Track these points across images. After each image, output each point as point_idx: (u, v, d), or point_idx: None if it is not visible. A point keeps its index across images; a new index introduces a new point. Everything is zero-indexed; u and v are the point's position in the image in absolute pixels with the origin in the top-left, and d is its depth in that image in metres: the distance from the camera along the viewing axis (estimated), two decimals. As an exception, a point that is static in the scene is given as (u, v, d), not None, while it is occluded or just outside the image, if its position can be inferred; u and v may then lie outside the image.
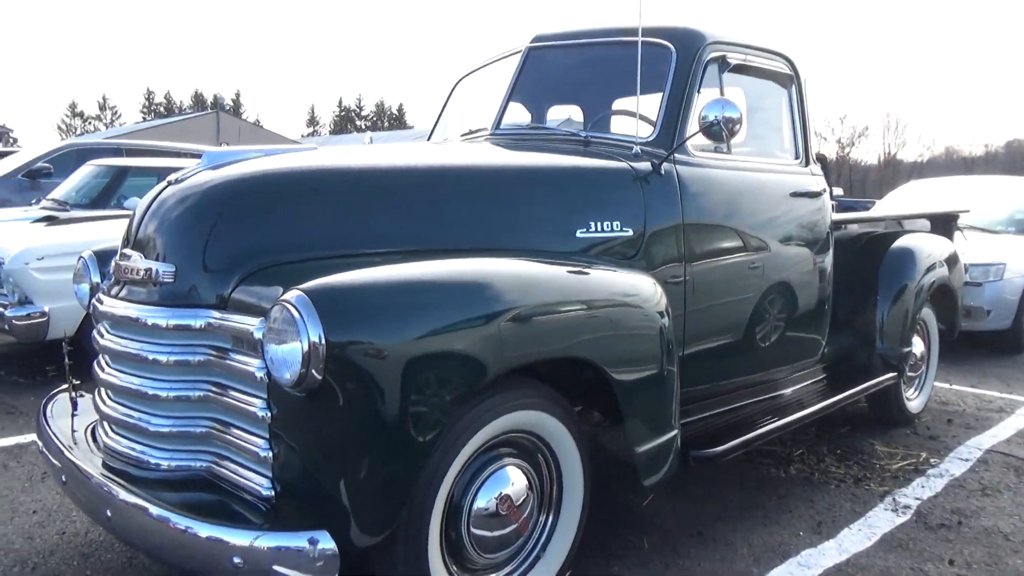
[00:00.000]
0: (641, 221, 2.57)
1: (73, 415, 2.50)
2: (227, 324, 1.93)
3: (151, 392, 2.03)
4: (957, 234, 4.80)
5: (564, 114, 3.46)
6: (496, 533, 2.10)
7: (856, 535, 2.92)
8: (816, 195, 3.27)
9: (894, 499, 3.25)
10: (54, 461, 2.26)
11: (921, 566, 2.68)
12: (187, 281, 2.04)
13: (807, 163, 3.32)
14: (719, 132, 2.51)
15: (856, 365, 3.88)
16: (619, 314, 2.26)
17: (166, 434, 2.03)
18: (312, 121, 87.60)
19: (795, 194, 3.17)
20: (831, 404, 3.34)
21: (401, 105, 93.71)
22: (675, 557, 2.68)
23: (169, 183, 2.22)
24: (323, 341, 1.66)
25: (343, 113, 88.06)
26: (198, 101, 75.84)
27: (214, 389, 1.99)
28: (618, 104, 3.14)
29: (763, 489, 3.32)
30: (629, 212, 2.55)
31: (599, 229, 2.47)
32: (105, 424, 2.22)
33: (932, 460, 3.74)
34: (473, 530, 2.06)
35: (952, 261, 4.36)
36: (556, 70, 3.19)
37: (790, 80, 3.27)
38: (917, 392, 4.37)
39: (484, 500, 2.07)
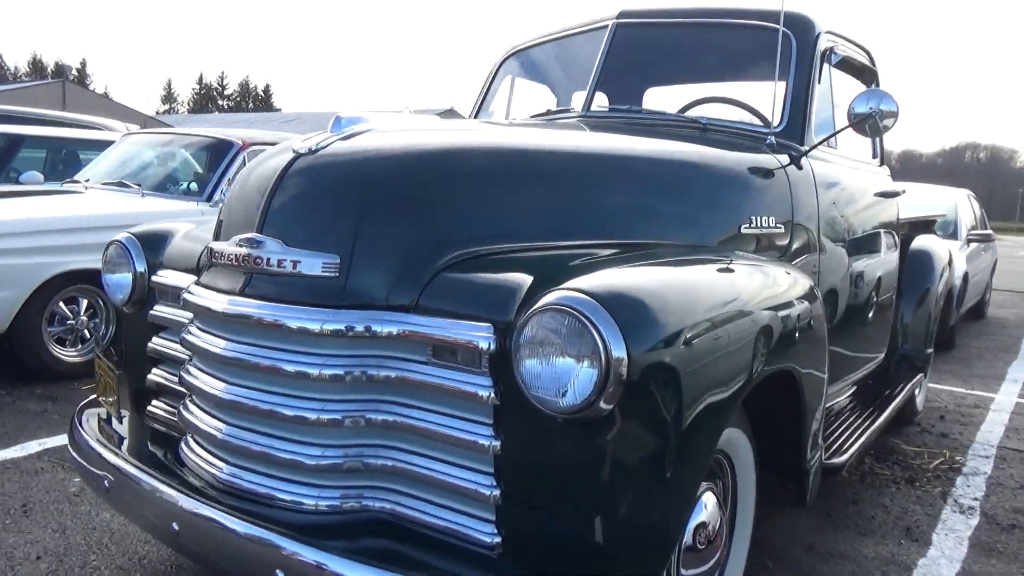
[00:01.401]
0: (789, 216, 2.38)
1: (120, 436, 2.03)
2: (427, 331, 1.55)
3: (303, 415, 1.61)
4: None
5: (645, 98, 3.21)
6: (701, 569, 1.84)
7: (947, 541, 2.88)
8: (895, 195, 3.22)
9: (956, 500, 3.27)
10: (131, 501, 1.79)
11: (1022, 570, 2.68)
12: (357, 276, 1.63)
13: (882, 163, 3.26)
14: (875, 127, 2.35)
15: (880, 367, 3.90)
16: (808, 319, 2.05)
17: (324, 467, 1.62)
18: (169, 97, 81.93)
19: (880, 194, 3.10)
20: (896, 407, 3.31)
21: (268, 86, 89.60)
22: (809, 576, 2.53)
23: (299, 154, 1.77)
24: (627, 359, 1.33)
25: (203, 91, 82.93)
26: (37, 68, 68.85)
27: (397, 411, 1.60)
28: (716, 90, 2.93)
29: (833, 495, 3.24)
30: (780, 207, 2.35)
31: (759, 224, 2.25)
32: (216, 454, 1.76)
33: (957, 458, 3.82)
34: (682, 570, 1.79)
35: (950, 263, 4.50)
36: (646, 50, 2.94)
37: (872, 76, 3.19)
38: (919, 391, 4.48)
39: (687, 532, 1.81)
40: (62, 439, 3.39)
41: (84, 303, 4.37)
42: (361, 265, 1.64)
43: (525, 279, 1.51)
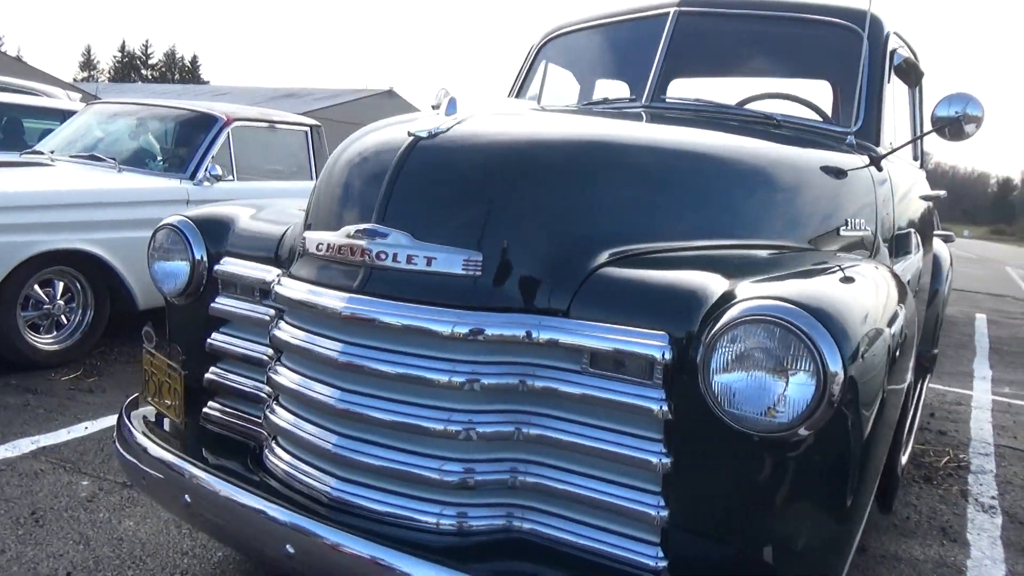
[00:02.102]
0: (874, 219, 2.33)
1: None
2: (590, 339, 1.42)
3: (437, 426, 1.47)
4: None
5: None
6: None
7: (982, 541, 2.93)
8: (935, 199, 3.23)
9: (976, 500, 3.34)
10: (225, 521, 1.61)
11: (1061, 570, 2.75)
12: (501, 276, 1.49)
13: (922, 166, 3.27)
14: (959, 131, 2.33)
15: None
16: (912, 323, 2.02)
17: (458, 484, 1.48)
18: (88, 64, 77.81)
19: (924, 197, 3.11)
20: (920, 406, 3.36)
21: (196, 57, 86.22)
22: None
23: (419, 136, 1.60)
24: (842, 375, 1.23)
25: (126, 59, 79.08)
26: (-61, 26, 64.14)
27: (546, 423, 1.47)
28: (779, 85, 2.86)
29: (864, 494, 3.25)
30: (868, 209, 2.30)
31: (854, 227, 2.20)
32: (323, 467, 1.59)
33: (962, 456, 3.92)
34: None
35: (952, 265, 4.60)
36: (708, 40, 2.85)
37: (920, 78, 3.19)
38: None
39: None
40: (56, 436, 3.11)
41: (60, 286, 4.02)
42: (505, 263, 1.49)
43: (704, 284, 1.40)
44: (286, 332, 1.67)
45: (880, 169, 2.42)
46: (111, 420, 3.29)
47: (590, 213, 1.57)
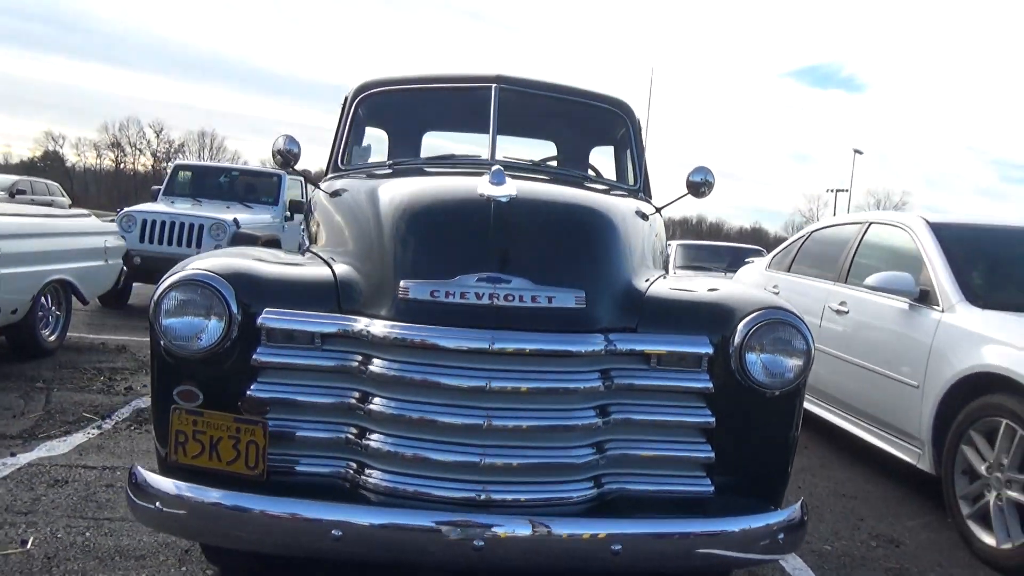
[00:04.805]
0: (663, 247, 3.36)
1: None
2: (662, 346, 2.06)
3: (572, 423, 1.97)
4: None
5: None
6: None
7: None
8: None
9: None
10: (365, 544, 1.85)
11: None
12: (595, 306, 2.04)
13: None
14: (705, 191, 3.48)
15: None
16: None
17: (586, 464, 1.99)
18: None
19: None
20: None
21: None
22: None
23: (499, 200, 2.05)
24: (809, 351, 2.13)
25: None
26: None
27: (629, 409, 2.06)
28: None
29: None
30: (660, 241, 3.31)
31: (662, 252, 3.18)
32: (465, 478, 1.92)
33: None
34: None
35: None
36: (519, 109, 3.57)
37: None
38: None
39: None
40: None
41: None
42: (598, 297, 2.05)
43: (723, 300, 2.16)
44: (394, 369, 1.93)
45: (660, 215, 3.46)
46: None
47: (632, 257, 2.21)
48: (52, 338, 5.61)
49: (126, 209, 8.32)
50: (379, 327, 1.96)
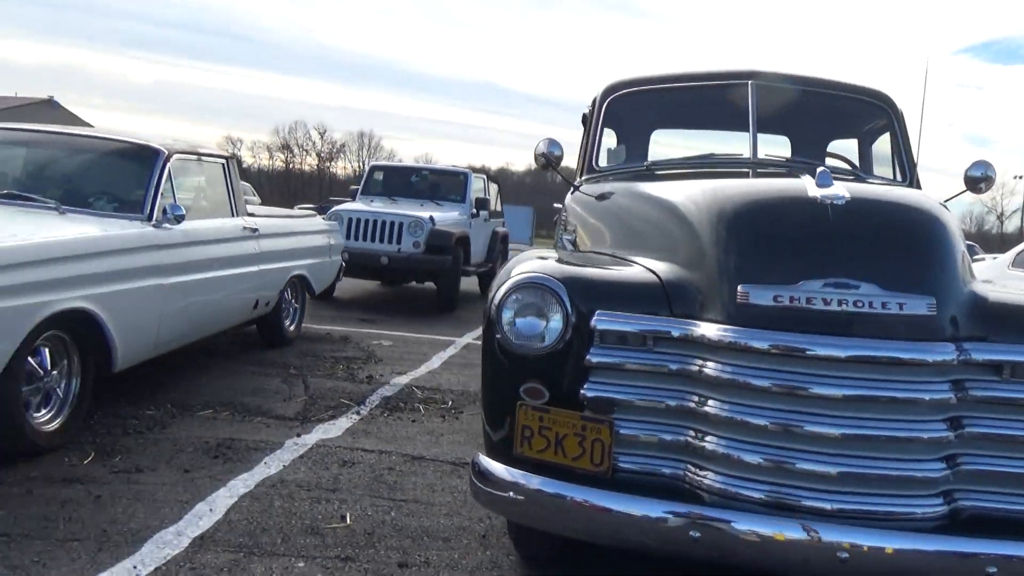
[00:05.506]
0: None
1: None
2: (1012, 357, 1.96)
3: (915, 436, 1.90)
4: None
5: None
6: None
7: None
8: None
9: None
10: (726, 548, 1.86)
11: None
12: (943, 313, 1.97)
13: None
14: (988, 187, 3.26)
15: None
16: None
17: (938, 479, 1.93)
18: None
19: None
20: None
21: None
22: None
23: (833, 204, 2.02)
24: None
25: None
26: None
27: (982, 424, 1.97)
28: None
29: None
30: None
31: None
32: (822, 488, 1.91)
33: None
34: None
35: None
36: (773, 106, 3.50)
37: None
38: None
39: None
40: (185, 527, 2.73)
41: (47, 353, 3.37)
42: (947, 303, 1.98)
43: None
44: (741, 374, 1.95)
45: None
46: (223, 494, 2.97)
47: (961, 258, 2.12)
48: (292, 328, 6.15)
49: (334, 208, 8.93)
50: (717, 331, 1.99)
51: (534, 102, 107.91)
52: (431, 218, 8.72)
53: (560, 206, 4.78)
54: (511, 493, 2.06)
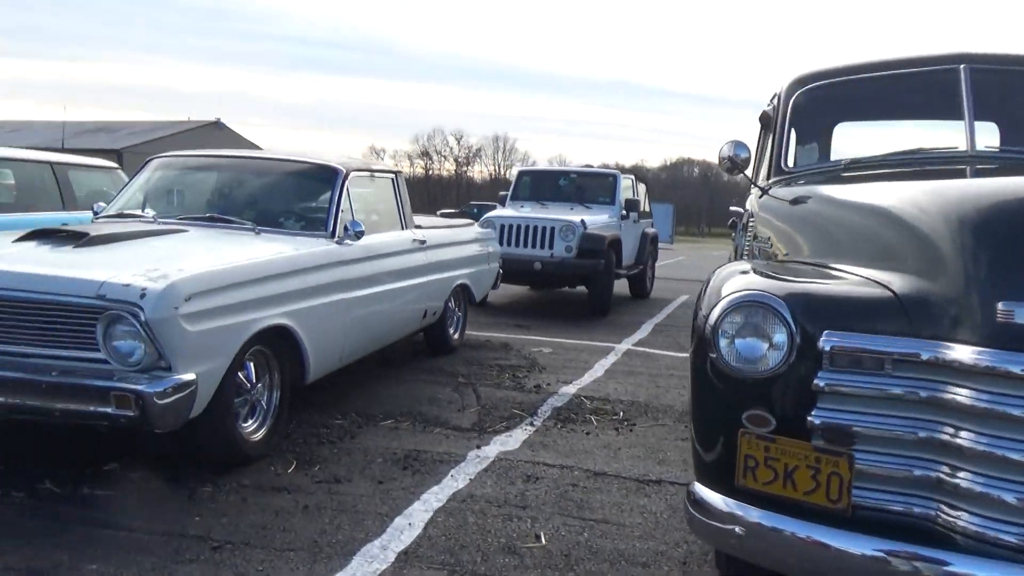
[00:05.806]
0: None
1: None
2: None
3: None
4: None
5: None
6: None
7: None
8: None
9: None
10: None
11: None
12: None
13: None
14: None
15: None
16: None
17: None
18: None
19: None
20: None
21: (-27, 86, 76.81)
22: None
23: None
24: None
25: None
26: None
27: None
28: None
29: None
30: None
31: None
32: None
33: None
34: None
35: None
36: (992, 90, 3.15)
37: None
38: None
39: None
40: (390, 539, 2.80)
41: (252, 367, 3.59)
42: None
43: None
44: (996, 403, 1.73)
45: None
46: (419, 508, 3.03)
47: None
48: (456, 336, 6.28)
49: (487, 215, 9.07)
50: (973, 354, 1.77)
51: (667, 96, 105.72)
52: (582, 222, 8.66)
53: (739, 209, 4.58)
54: (735, 528, 1.94)
